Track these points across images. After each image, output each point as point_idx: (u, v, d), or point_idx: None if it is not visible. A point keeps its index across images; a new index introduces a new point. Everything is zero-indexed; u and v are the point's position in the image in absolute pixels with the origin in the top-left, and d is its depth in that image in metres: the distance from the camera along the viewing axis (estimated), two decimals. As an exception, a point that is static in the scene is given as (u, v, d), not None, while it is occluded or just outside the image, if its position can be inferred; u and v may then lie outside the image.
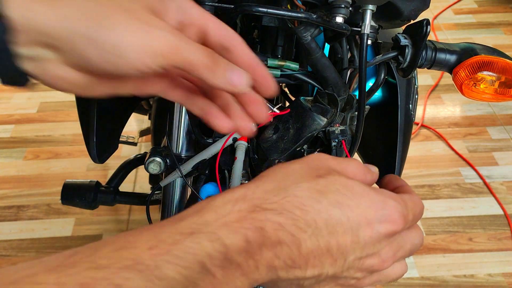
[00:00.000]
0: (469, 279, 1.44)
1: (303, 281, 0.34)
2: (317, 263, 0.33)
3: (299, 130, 0.56)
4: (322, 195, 0.34)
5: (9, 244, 1.56)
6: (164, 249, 0.28)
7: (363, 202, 0.35)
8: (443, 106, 2.08)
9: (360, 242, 0.34)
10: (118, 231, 1.60)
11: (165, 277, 0.27)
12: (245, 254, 0.30)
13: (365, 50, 0.50)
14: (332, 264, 0.34)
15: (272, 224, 0.31)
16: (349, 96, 0.56)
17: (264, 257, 0.31)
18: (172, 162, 0.66)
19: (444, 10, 2.67)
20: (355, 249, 0.34)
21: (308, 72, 0.56)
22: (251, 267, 0.31)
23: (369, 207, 0.35)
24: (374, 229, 0.34)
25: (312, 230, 0.32)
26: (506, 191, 1.70)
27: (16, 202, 1.70)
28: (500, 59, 0.57)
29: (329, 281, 0.35)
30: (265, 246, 0.31)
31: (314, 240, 0.33)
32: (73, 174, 1.79)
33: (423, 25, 0.54)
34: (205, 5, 0.52)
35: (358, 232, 0.34)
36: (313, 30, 0.50)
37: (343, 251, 0.34)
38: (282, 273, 0.32)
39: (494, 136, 1.92)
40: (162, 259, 0.27)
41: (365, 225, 0.34)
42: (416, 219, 0.39)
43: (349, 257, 0.34)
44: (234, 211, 0.31)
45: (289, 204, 0.32)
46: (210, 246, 0.29)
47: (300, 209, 0.32)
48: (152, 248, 0.27)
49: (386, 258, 0.36)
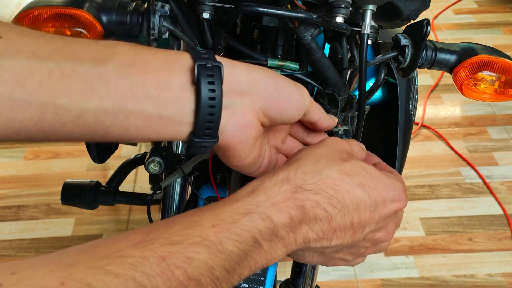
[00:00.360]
0: (469, 279, 1.44)
1: (326, 250, 0.40)
2: (341, 235, 0.39)
3: (299, 130, 0.56)
4: (348, 177, 0.40)
5: (9, 244, 1.56)
6: (225, 227, 0.34)
7: (379, 183, 0.41)
8: (443, 106, 2.08)
9: (375, 218, 0.41)
10: (118, 231, 1.60)
11: (225, 250, 0.33)
12: (288, 229, 0.36)
13: (365, 50, 0.50)
14: (352, 236, 0.40)
15: (311, 203, 0.37)
16: (349, 96, 0.56)
17: (302, 231, 0.37)
18: (172, 162, 0.66)
19: (444, 10, 2.67)
20: (371, 223, 0.41)
21: (308, 72, 0.56)
22: (291, 240, 0.37)
23: (383, 188, 0.41)
24: (387, 207, 0.41)
25: (341, 207, 0.39)
26: (506, 191, 1.70)
27: (16, 202, 1.70)
28: (500, 59, 0.57)
29: (345, 250, 0.42)
30: (304, 221, 0.37)
31: (342, 216, 0.39)
32: (73, 174, 1.79)
33: (423, 25, 0.54)
34: (205, 5, 0.52)
35: (376, 209, 0.40)
36: (313, 30, 0.50)
37: (362, 225, 0.40)
38: (312, 244, 0.39)
39: (494, 136, 1.92)
40: (223, 235, 0.33)
41: (381, 203, 0.41)
42: None
43: (366, 229, 0.41)
44: (280, 192, 0.37)
45: (325, 185, 0.39)
46: (261, 224, 0.35)
47: (332, 188, 0.39)
48: (215, 226, 0.33)
49: (391, 231, 0.43)
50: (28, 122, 0.34)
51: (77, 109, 0.35)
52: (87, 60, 0.35)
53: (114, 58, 0.36)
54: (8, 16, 2.62)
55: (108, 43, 0.37)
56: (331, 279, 1.44)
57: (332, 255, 0.42)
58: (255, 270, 0.36)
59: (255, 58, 0.55)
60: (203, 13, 0.52)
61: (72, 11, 0.52)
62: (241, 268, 0.34)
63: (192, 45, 0.55)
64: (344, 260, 0.44)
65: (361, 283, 1.44)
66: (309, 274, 0.78)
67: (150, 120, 0.37)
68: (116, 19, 0.54)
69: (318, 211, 0.38)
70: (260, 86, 0.41)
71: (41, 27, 0.52)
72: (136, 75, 0.36)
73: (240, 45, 0.56)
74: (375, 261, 1.49)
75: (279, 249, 0.36)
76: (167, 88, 0.37)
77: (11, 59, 0.33)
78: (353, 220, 0.39)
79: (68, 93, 0.34)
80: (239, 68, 0.40)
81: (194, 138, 0.39)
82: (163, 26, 0.54)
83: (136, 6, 0.55)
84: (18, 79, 0.33)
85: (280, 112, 0.42)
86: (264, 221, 0.35)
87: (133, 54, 0.37)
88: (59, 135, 0.36)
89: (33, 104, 0.33)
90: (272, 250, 0.36)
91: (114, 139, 0.38)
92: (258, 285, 0.63)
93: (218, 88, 0.38)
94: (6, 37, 0.34)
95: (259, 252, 0.35)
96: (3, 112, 0.33)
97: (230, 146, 0.41)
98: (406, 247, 1.53)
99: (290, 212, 0.36)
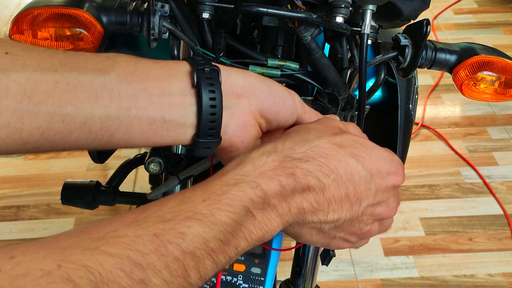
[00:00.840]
0: (469, 279, 1.44)
1: (324, 225, 0.40)
2: (337, 207, 0.39)
3: (299, 130, 0.56)
4: (340, 148, 0.39)
5: (9, 244, 1.56)
6: (215, 199, 0.34)
7: (374, 154, 0.40)
8: (443, 106, 2.08)
9: (372, 189, 0.40)
10: (118, 231, 1.60)
11: (218, 222, 0.33)
12: (279, 197, 0.36)
13: (365, 50, 0.50)
14: (349, 209, 0.39)
15: (301, 170, 0.37)
16: (349, 95, 0.56)
17: (295, 200, 0.37)
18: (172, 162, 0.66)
19: (444, 10, 2.67)
20: (368, 196, 0.40)
21: (308, 72, 0.56)
22: (285, 209, 0.37)
23: (379, 160, 0.40)
24: (384, 179, 0.40)
25: (334, 176, 0.38)
26: (506, 191, 1.70)
27: (16, 202, 1.70)
28: (500, 59, 0.57)
29: (345, 227, 0.41)
30: (296, 190, 0.37)
31: (336, 186, 0.38)
32: (73, 174, 1.79)
33: (423, 25, 0.54)
34: (205, 5, 0.52)
35: (371, 180, 0.40)
36: (313, 30, 0.50)
37: (359, 197, 0.39)
38: (308, 216, 0.38)
39: (494, 136, 1.92)
40: (215, 207, 0.33)
41: (377, 174, 0.40)
42: None
43: (363, 202, 0.40)
44: (268, 161, 0.37)
45: (314, 153, 0.38)
46: (251, 193, 0.35)
47: (323, 157, 0.38)
48: (205, 199, 0.34)
49: (393, 207, 0.42)
50: (35, 132, 0.35)
51: (83, 116, 0.36)
52: (91, 71, 0.37)
53: (116, 68, 0.38)
54: (8, 16, 2.62)
55: (109, 55, 0.39)
56: (331, 279, 1.44)
57: (333, 233, 0.41)
58: (252, 242, 0.35)
59: (255, 58, 0.55)
60: (203, 13, 0.52)
61: (72, 11, 0.52)
62: (237, 239, 0.34)
63: (192, 45, 0.55)
64: (347, 241, 0.43)
65: (361, 283, 1.44)
66: (309, 274, 0.78)
67: (153, 124, 0.39)
68: (116, 19, 0.54)
69: (310, 179, 0.37)
70: (256, 89, 0.42)
71: (41, 27, 0.52)
72: (138, 82, 0.38)
73: (240, 45, 0.56)
74: (375, 261, 1.49)
75: (274, 220, 0.36)
76: (168, 93, 0.39)
77: (18, 73, 0.34)
78: (348, 191, 0.39)
79: (74, 102, 0.36)
80: (235, 73, 0.42)
81: (198, 139, 0.40)
82: (163, 26, 0.54)
83: (136, 6, 0.55)
84: (25, 91, 0.34)
85: (276, 115, 0.43)
86: (254, 189, 0.35)
87: (133, 64, 0.39)
88: (65, 144, 0.37)
89: (40, 114, 0.35)
90: (266, 220, 0.36)
91: (119, 145, 0.39)
92: (258, 285, 0.63)
93: (217, 90, 0.39)
94: (12, 53, 0.35)
95: (252, 223, 0.35)
96: (11, 123, 0.34)
97: (233, 145, 0.43)
98: (406, 247, 1.53)
99: (280, 179, 0.36)
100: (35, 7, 0.52)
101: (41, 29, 0.53)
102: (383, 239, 1.55)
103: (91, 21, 0.52)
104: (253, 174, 0.36)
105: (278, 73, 0.55)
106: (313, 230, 0.40)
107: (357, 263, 1.48)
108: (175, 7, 0.54)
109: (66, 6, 0.52)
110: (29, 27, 0.53)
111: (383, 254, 1.51)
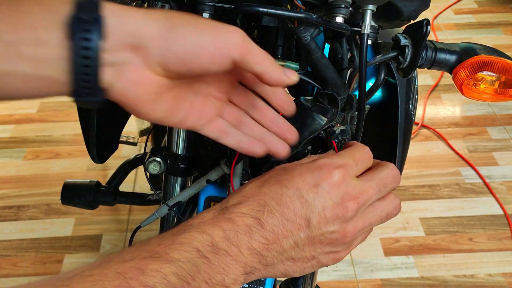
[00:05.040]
0: (469, 279, 1.44)
1: (289, 253, 0.40)
2: (286, 232, 0.40)
3: (299, 130, 0.56)
4: (265, 182, 0.42)
5: (9, 244, 1.56)
6: (168, 243, 0.37)
7: (296, 171, 0.42)
8: (443, 106, 2.08)
9: (310, 202, 0.40)
10: (118, 231, 1.60)
11: (173, 259, 0.35)
12: (227, 242, 0.38)
13: (365, 50, 0.50)
14: (299, 229, 0.40)
15: (237, 215, 0.39)
16: (349, 96, 0.56)
17: (242, 241, 0.38)
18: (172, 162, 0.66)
19: (444, 10, 2.67)
20: (310, 209, 0.40)
21: (308, 72, 0.56)
22: (236, 252, 0.38)
23: (302, 174, 0.41)
24: (319, 187, 0.40)
25: (267, 208, 0.40)
26: (506, 191, 1.70)
27: (16, 202, 1.70)
28: (500, 59, 0.57)
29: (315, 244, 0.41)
30: (238, 232, 0.39)
31: (270, 215, 0.39)
32: (73, 174, 1.79)
33: (423, 25, 0.54)
34: (205, 5, 0.52)
35: (303, 194, 0.40)
36: (313, 30, 0.50)
37: (300, 214, 0.40)
38: (265, 253, 0.39)
39: (494, 136, 1.92)
40: (168, 247, 0.36)
41: (306, 187, 0.40)
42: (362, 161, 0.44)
43: (311, 217, 0.40)
44: (209, 215, 0.41)
45: (244, 198, 0.41)
46: (199, 237, 0.37)
47: (251, 197, 0.41)
48: (160, 244, 0.37)
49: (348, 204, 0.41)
50: None
51: None
52: None
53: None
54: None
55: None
56: (331, 279, 1.44)
57: (306, 255, 0.41)
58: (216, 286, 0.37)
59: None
60: (203, 13, 0.52)
61: None
62: (196, 281, 0.35)
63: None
64: (333, 252, 0.42)
65: (361, 283, 1.44)
66: (309, 274, 0.78)
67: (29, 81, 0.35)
68: None
69: (247, 219, 0.39)
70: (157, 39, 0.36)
71: None
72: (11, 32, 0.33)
73: (240, 45, 0.56)
74: (375, 261, 1.49)
75: (230, 264, 0.38)
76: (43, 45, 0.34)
77: None
78: (285, 214, 0.40)
79: None
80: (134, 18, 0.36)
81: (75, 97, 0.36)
82: (163, 26, 0.54)
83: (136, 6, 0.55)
84: None
85: (187, 66, 0.37)
86: (201, 234, 0.38)
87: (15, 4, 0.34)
88: None
89: None
90: (222, 265, 0.37)
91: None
92: (258, 285, 0.63)
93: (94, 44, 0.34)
94: None
95: (209, 266, 0.36)
96: None
97: (123, 103, 0.38)
98: (406, 247, 1.53)
99: (221, 225, 0.39)
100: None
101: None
102: (383, 239, 1.55)
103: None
104: (198, 224, 0.39)
105: (278, 73, 0.55)
106: (286, 262, 0.41)
107: (357, 263, 1.48)
108: (175, 7, 0.54)
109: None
110: None
111: (383, 254, 1.51)
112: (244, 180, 0.60)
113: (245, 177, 0.61)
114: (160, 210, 0.65)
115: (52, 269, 1.49)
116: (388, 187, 0.44)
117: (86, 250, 1.54)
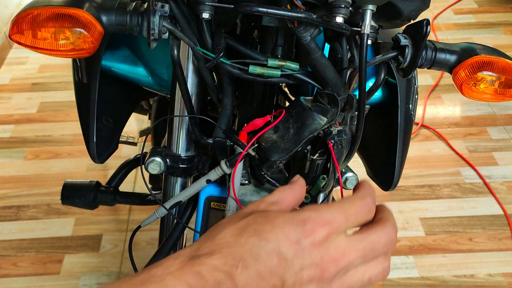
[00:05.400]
0: (469, 279, 1.44)
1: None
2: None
3: (299, 130, 0.56)
4: (243, 231, 0.37)
5: (9, 244, 1.56)
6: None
7: (278, 221, 0.37)
8: (443, 106, 2.08)
9: (288, 260, 0.36)
10: (118, 231, 1.60)
11: None
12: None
13: (365, 50, 0.50)
14: (275, 286, 0.36)
15: (207, 267, 0.35)
16: (349, 96, 0.56)
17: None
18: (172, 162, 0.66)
19: (444, 10, 2.67)
20: (287, 268, 0.36)
21: (308, 72, 0.56)
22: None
23: (284, 226, 0.37)
24: (300, 244, 0.37)
25: (242, 263, 0.36)
26: (506, 191, 1.70)
27: (16, 202, 1.70)
28: (500, 59, 0.57)
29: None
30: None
31: (244, 271, 0.35)
32: (73, 174, 1.79)
33: (423, 25, 0.54)
34: (205, 5, 0.52)
35: (282, 251, 0.36)
36: (312, 30, 0.50)
37: (276, 273, 0.36)
38: None
39: (494, 136, 1.92)
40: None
41: (287, 243, 0.36)
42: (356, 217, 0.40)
43: (287, 278, 0.36)
44: (175, 263, 0.36)
45: (218, 247, 0.37)
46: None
47: (226, 248, 0.36)
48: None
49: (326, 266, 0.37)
50: None
51: None
52: None
53: None
54: (8, 16, 2.62)
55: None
56: (331, 279, 1.44)
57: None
58: None
59: (255, 58, 0.55)
60: (203, 13, 0.52)
61: (72, 11, 0.52)
62: None
63: (192, 45, 0.55)
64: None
65: (361, 283, 1.43)
66: None
67: None
68: (116, 19, 0.54)
69: (218, 274, 0.35)
70: None
71: (41, 27, 0.52)
72: None
73: (240, 45, 0.56)
74: (375, 261, 1.49)
75: None
76: None
77: None
78: (260, 271, 0.36)
79: None
80: None
81: None
82: (163, 26, 0.54)
83: (136, 6, 0.55)
84: None
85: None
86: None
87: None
88: None
89: None
90: None
91: None
92: None
93: None
94: None
95: None
96: None
97: None
98: (406, 247, 1.53)
99: (188, 280, 0.34)
100: (35, 7, 0.52)
101: (41, 29, 0.53)
102: (383, 239, 1.55)
103: (91, 21, 0.52)
104: (161, 276, 0.35)
105: (278, 73, 0.55)
106: None
107: (357, 263, 1.48)
108: (175, 7, 0.54)
109: (66, 6, 0.52)
110: (29, 27, 0.52)
111: (383, 254, 1.51)
112: (244, 180, 0.60)
113: (245, 177, 0.61)
114: (160, 210, 0.65)
115: (52, 269, 1.49)
116: (377, 252, 0.40)
117: (86, 250, 1.54)
